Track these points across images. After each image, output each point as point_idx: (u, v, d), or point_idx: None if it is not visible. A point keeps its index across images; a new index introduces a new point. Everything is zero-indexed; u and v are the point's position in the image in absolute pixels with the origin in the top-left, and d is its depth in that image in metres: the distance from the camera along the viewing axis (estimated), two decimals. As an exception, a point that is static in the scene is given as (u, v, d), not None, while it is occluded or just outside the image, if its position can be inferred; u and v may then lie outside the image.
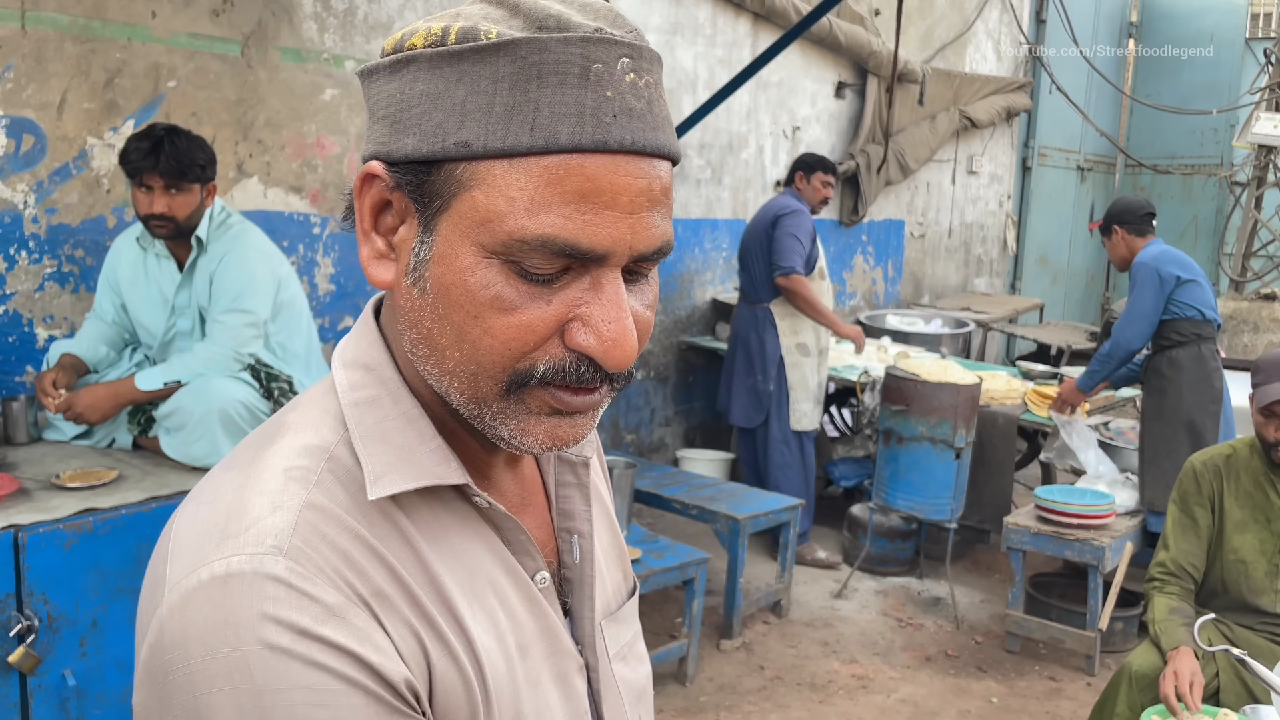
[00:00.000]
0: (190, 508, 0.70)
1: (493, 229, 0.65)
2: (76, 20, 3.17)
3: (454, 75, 0.66)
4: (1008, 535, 4.09)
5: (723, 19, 5.83)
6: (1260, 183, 7.58)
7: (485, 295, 0.66)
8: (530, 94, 0.64)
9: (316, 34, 3.84)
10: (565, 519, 0.84)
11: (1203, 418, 4.11)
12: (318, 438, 0.72)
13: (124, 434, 2.90)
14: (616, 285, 0.68)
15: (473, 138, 0.65)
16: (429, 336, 0.69)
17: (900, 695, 3.72)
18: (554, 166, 0.64)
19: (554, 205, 0.64)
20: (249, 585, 0.62)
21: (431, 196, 0.67)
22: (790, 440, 4.87)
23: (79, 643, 2.35)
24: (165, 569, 0.66)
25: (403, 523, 0.71)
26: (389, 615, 0.66)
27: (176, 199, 2.73)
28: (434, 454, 0.72)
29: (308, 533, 0.65)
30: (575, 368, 0.68)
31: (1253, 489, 2.82)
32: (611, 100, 0.65)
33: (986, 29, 8.46)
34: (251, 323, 2.84)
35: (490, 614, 0.73)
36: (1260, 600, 2.78)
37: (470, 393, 0.69)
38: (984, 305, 7.74)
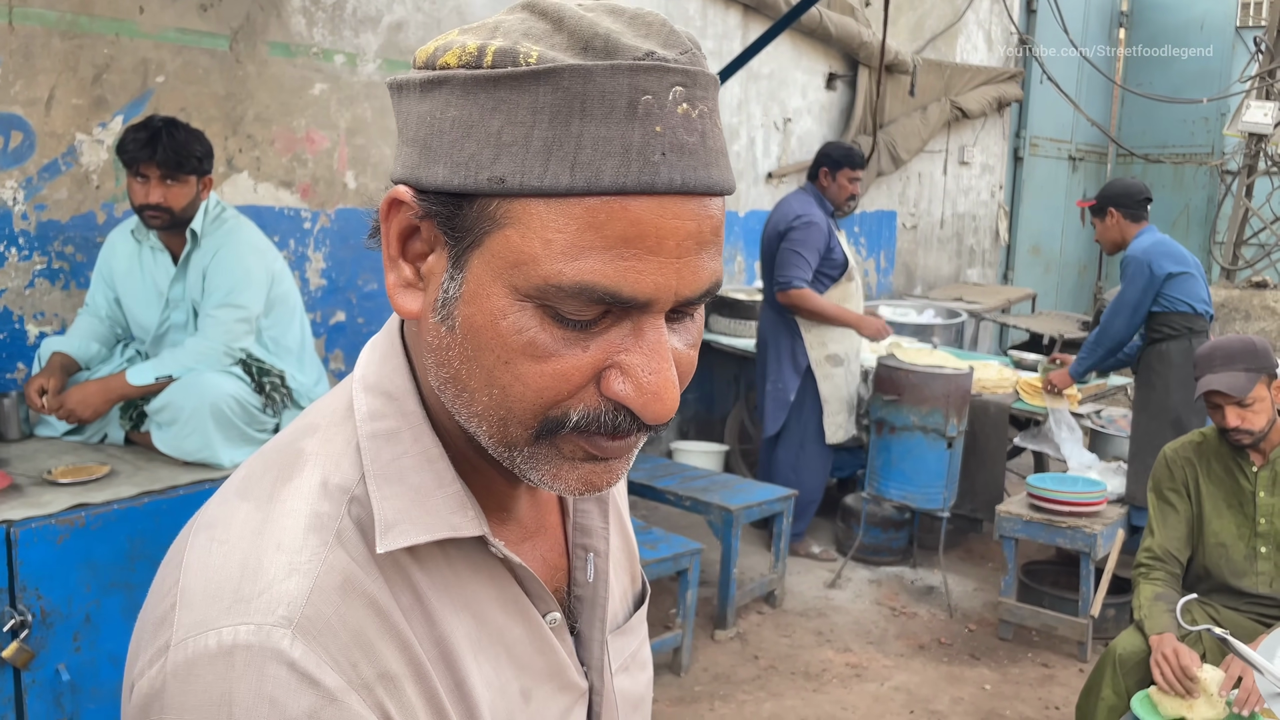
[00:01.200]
0: (203, 540, 0.67)
1: (527, 272, 0.60)
2: (64, 16, 3.17)
3: (489, 103, 0.60)
4: (1000, 524, 4.10)
5: (713, 11, 5.82)
6: (1251, 171, 7.59)
7: (518, 341, 0.62)
8: (572, 128, 0.59)
9: (305, 28, 3.84)
10: (582, 535, 0.81)
11: (1189, 414, 4.13)
12: (340, 475, 0.68)
13: (116, 429, 2.90)
14: (659, 333, 0.63)
15: (508, 173, 0.60)
16: (457, 377, 0.65)
17: (894, 683, 3.74)
18: (595, 209, 0.59)
19: (594, 250, 0.59)
20: (252, 663, 0.60)
21: (463, 231, 0.63)
22: (808, 446, 4.77)
23: (73, 637, 2.36)
24: (173, 612, 0.64)
25: (415, 575, 0.68)
26: (392, 697, 0.64)
27: (172, 190, 2.73)
28: (450, 500, 0.69)
29: (321, 603, 0.62)
30: (611, 417, 0.64)
31: (1224, 474, 2.87)
32: (661, 136, 0.60)
33: (977, 19, 8.46)
34: (243, 318, 2.84)
35: (495, 663, 0.71)
36: (1242, 582, 2.82)
37: (500, 437, 0.66)
38: (976, 295, 7.76)
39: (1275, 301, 6.86)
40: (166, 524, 2.51)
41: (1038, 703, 3.66)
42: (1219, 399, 2.76)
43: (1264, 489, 2.82)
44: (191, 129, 2.80)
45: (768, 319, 4.82)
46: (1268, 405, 2.75)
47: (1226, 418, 2.76)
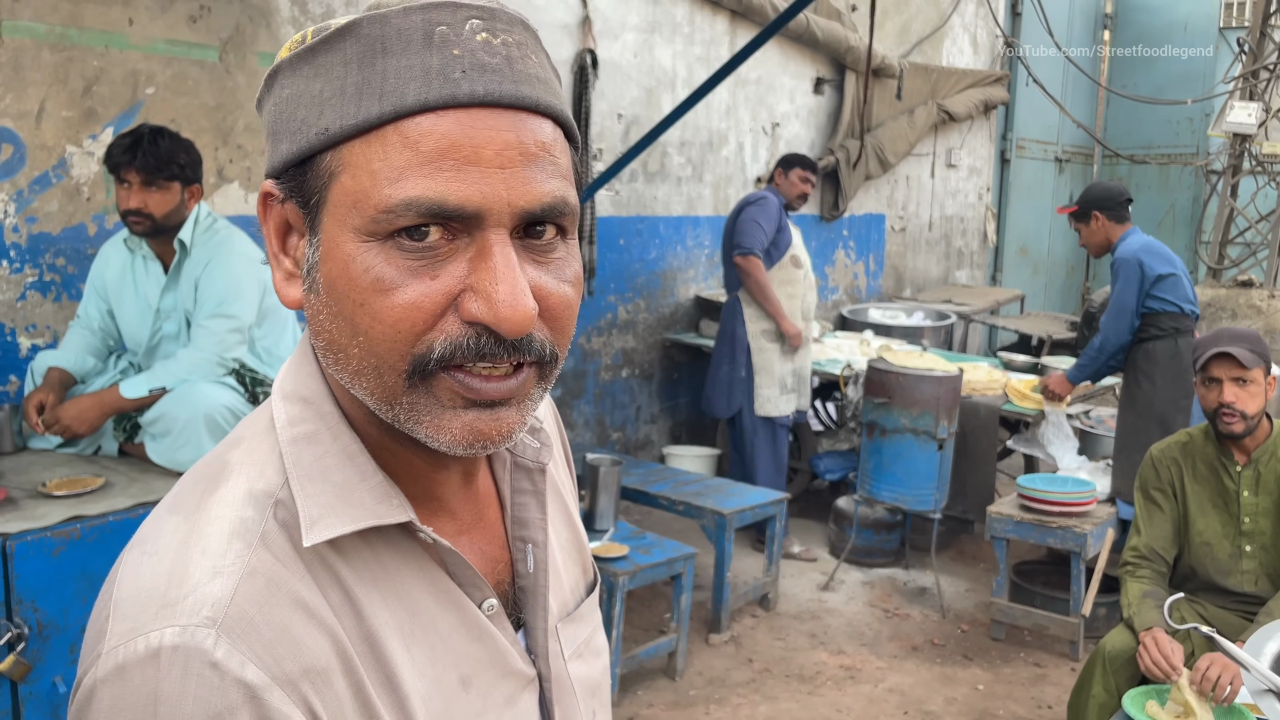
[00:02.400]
0: (134, 555, 0.68)
1: (362, 208, 0.64)
2: (54, 29, 3.17)
3: (310, 71, 0.66)
4: (991, 524, 4.13)
5: (700, 17, 5.85)
6: (1235, 171, 7.65)
7: (366, 280, 0.64)
8: (377, 67, 0.64)
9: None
10: (520, 528, 0.82)
11: (1173, 412, 4.16)
12: (263, 481, 0.69)
13: (110, 441, 2.90)
14: (504, 248, 0.65)
15: (330, 123, 0.65)
16: (331, 340, 0.67)
17: (888, 685, 3.76)
18: (406, 130, 0.63)
19: (414, 168, 0.63)
20: (176, 662, 0.61)
21: (310, 195, 0.67)
22: (760, 428, 4.90)
23: (69, 650, 2.36)
24: (106, 624, 0.65)
25: (341, 571, 0.69)
26: (318, 692, 0.65)
27: (153, 195, 2.75)
28: (374, 491, 0.70)
29: (244, 603, 0.63)
30: (475, 341, 0.65)
31: (1209, 474, 2.89)
32: (459, 58, 0.64)
33: (963, 23, 8.51)
34: (235, 328, 2.85)
35: (430, 653, 0.72)
36: (1228, 581, 2.85)
37: (378, 390, 0.67)
38: (965, 297, 7.80)
39: (1261, 300, 6.91)
40: (162, 535, 2.52)
41: (1030, 702, 3.68)
42: (1221, 370, 2.77)
43: (1248, 488, 2.85)
44: (179, 138, 2.81)
45: (726, 308, 5.01)
46: (1261, 393, 2.78)
47: (1224, 392, 2.77)
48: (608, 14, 5.25)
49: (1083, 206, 4.34)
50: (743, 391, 4.89)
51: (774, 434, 4.94)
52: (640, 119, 5.47)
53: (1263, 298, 6.92)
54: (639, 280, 5.67)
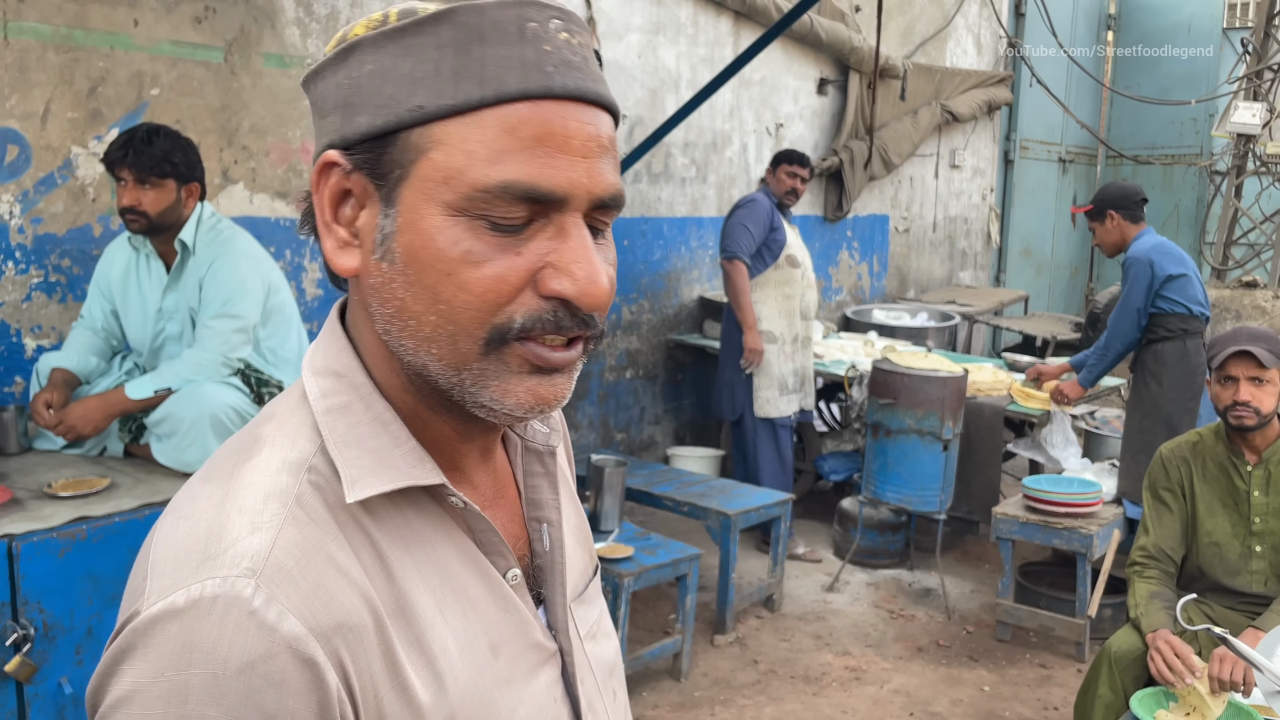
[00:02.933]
0: (170, 520, 0.70)
1: (455, 184, 0.67)
2: (59, 30, 3.17)
3: (399, 50, 0.68)
4: (996, 525, 4.12)
5: (704, 18, 5.85)
6: (1239, 171, 7.64)
7: (456, 251, 0.68)
8: (474, 54, 0.67)
9: (299, 39, 3.85)
10: (535, 508, 0.85)
11: (1180, 414, 4.15)
12: (295, 450, 0.71)
13: (115, 442, 2.90)
14: (581, 230, 0.70)
15: (425, 101, 0.67)
16: (403, 307, 0.70)
17: (893, 686, 3.75)
18: (506, 115, 0.67)
19: (512, 152, 0.67)
20: (215, 610, 0.62)
21: (391, 168, 0.69)
22: (762, 430, 4.89)
23: (75, 650, 2.36)
24: (145, 584, 0.66)
25: (374, 534, 0.71)
26: (348, 647, 0.66)
27: (148, 193, 2.75)
28: (408, 456, 0.73)
29: (282, 556, 0.65)
30: (553, 315, 0.69)
31: (1219, 474, 2.88)
32: (550, 54, 0.68)
33: (966, 24, 8.51)
34: (240, 328, 2.84)
35: (463, 618, 0.74)
36: (1236, 581, 2.84)
37: (450, 357, 0.70)
38: (969, 298, 7.79)
39: (1266, 301, 6.90)
40: (167, 536, 2.52)
41: (1036, 703, 3.68)
42: (1239, 368, 2.76)
43: (1258, 488, 2.84)
44: (176, 136, 2.81)
45: (726, 311, 5.00)
46: (1276, 393, 2.77)
47: (1240, 390, 2.76)
48: (612, 15, 5.25)
49: (1097, 206, 4.32)
50: (744, 394, 4.89)
51: (775, 435, 4.92)
52: (644, 120, 5.47)
53: (1267, 298, 6.91)
54: (643, 281, 5.67)
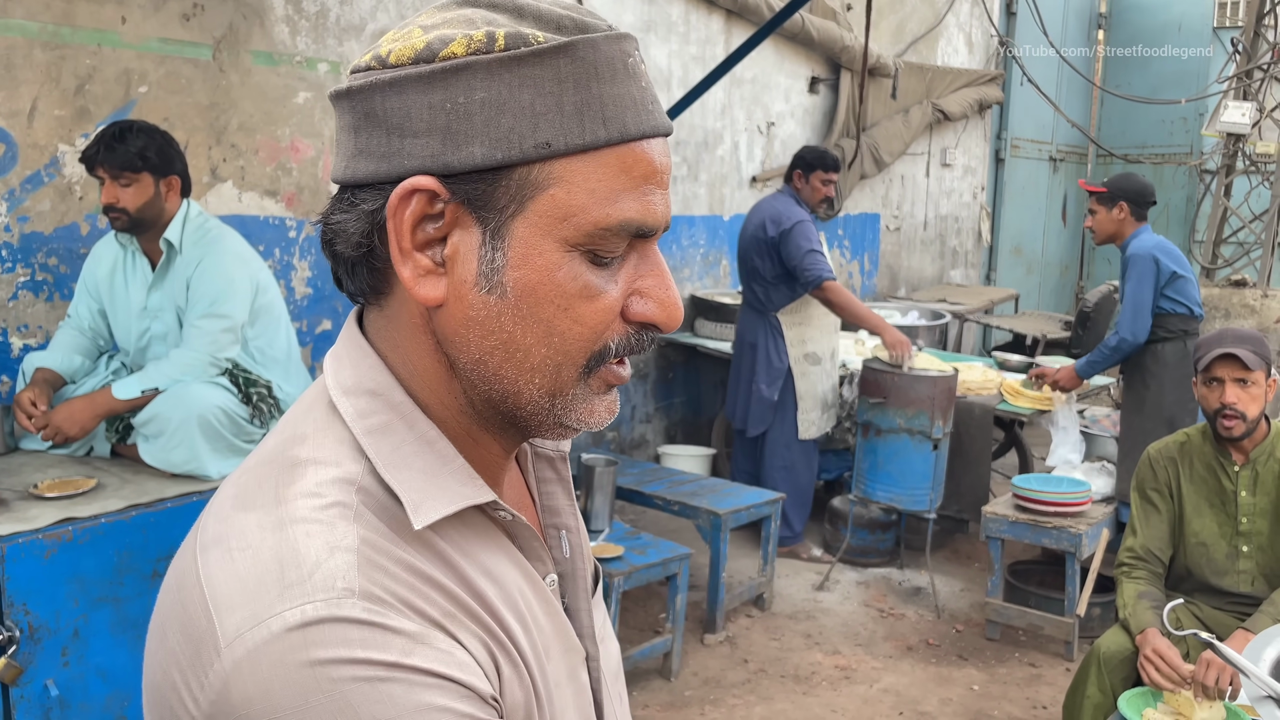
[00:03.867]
0: (219, 556, 0.66)
1: (577, 222, 0.68)
2: (46, 27, 3.15)
3: (515, 80, 0.66)
4: (986, 524, 4.13)
5: (695, 16, 5.84)
6: (1229, 170, 7.66)
7: (574, 286, 0.69)
8: (593, 91, 0.67)
9: (289, 37, 3.83)
10: (552, 515, 0.86)
11: (1182, 414, 4.15)
12: (341, 470, 0.69)
13: (102, 442, 2.88)
14: (659, 256, 0.74)
15: (552, 138, 0.67)
16: (510, 339, 0.70)
17: (883, 685, 3.76)
18: (624, 155, 0.69)
19: (626, 191, 0.69)
20: (329, 632, 0.60)
21: (503, 202, 0.68)
22: (793, 445, 4.85)
23: (61, 653, 2.35)
24: (213, 624, 0.62)
25: (440, 546, 0.70)
26: (461, 632, 0.67)
27: (126, 190, 2.73)
28: (458, 474, 0.72)
29: (370, 570, 0.64)
30: (636, 338, 0.73)
31: (1206, 474, 2.89)
32: (646, 90, 0.71)
33: (958, 22, 8.51)
34: (228, 328, 2.83)
35: (522, 622, 0.74)
36: (1224, 581, 2.85)
37: (550, 385, 0.71)
38: (959, 296, 7.80)
39: (1255, 300, 6.92)
40: (154, 537, 2.51)
41: (1025, 702, 3.68)
42: (1224, 371, 2.77)
43: (1245, 488, 2.84)
44: (152, 131, 2.78)
45: (747, 320, 4.89)
46: (1262, 395, 2.78)
47: (1225, 393, 2.77)
48: (603, 12, 5.22)
49: (1111, 190, 4.24)
50: (777, 414, 4.80)
51: (807, 451, 4.91)
52: (635, 118, 5.45)
53: (1256, 297, 6.93)
54: (634, 280, 5.66)
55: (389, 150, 0.68)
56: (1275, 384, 2.84)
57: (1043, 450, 6.22)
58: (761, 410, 4.82)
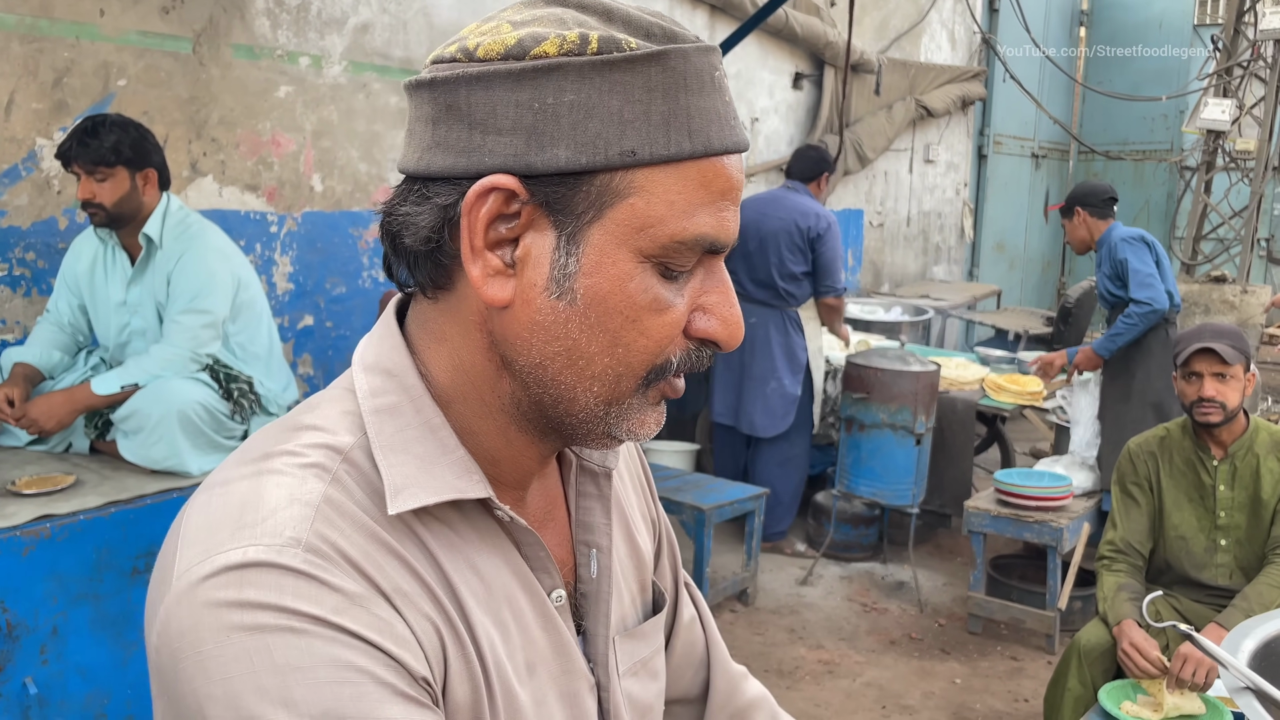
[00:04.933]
0: (202, 498, 0.69)
1: (654, 234, 0.67)
2: (23, 19, 3.12)
3: (605, 85, 0.65)
4: (968, 519, 4.15)
5: (679, 11, 5.84)
6: (1209, 167, 7.72)
7: (645, 298, 0.68)
8: (681, 102, 0.67)
9: (270, 30, 3.81)
10: (584, 532, 0.83)
11: (1170, 399, 4.17)
12: (335, 439, 0.70)
13: (81, 438, 2.86)
14: (725, 272, 0.73)
15: (637, 146, 0.66)
16: (574, 346, 0.69)
17: (865, 679, 3.77)
18: (705, 169, 0.68)
19: (703, 205, 0.68)
20: (265, 575, 0.61)
21: (584, 207, 0.67)
22: (797, 441, 4.88)
23: (39, 650, 2.33)
24: (174, 558, 0.65)
25: (420, 532, 0.70)
26: (409, 610, 0.66)
27: (102, 185, 2.71)
28: (455, 465, 0.71)
29: (325, 527, 0.64)
30: (696, 354, 0.72)
31: (1185, 468, 2.92)
32: (729, 105, 0.70)
33: (941, 19, 8.54)
34: (209, 323, 2.81)
35: (503, 629, 0.73)
36: (1203, 575, 2.87)
37: (608, 394, 0.70)
38: (943, 292, 7.83)
39: (1234, 296, 6.97)
40: (134, 534, 2.49)
41: (1007, 695, 3.71)
42: (1203, 365, 2.79)
43: (1224, 483, 2.87)
44: (125, 124, 2.75)
45: (763, 316, 4.73)
46: (1240, 389, 2.80)
47: (1204, 386, 2.79)
48: (586, 7, 5.22)
49: (1067, 203, 4.36)
50: (796, 410, 4.79)
51: (809, 450, 5.01)
52: (619, 113, 5.44)
53: (1235, 293, 6.99)
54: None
55: (470, 145, 0.67)
56: (1254, 378, 2.87)
57: (1024, 445, 6.26)
58: (784, 407, 4.75)
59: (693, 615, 1.01)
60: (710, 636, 1.03)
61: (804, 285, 4.74)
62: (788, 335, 4.75)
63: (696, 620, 1.02)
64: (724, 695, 1.01)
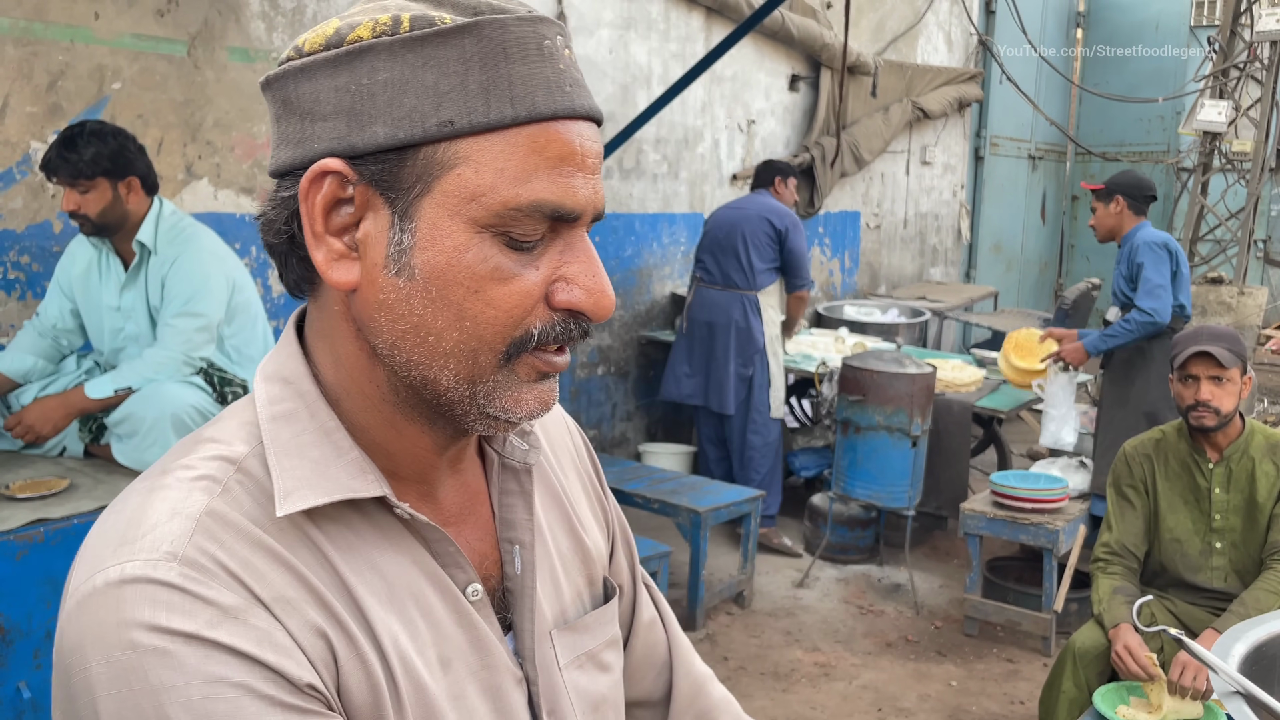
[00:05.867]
0: (101, 515, 0.71)
1: (485, 202, 0.67)
2: (17, 23, 3.12)
3: (419, 60, 0.66)
4: (964, 521, 4.15)
5: (675, 13, 5.84)
6: (1205, 169, 7.73)
7: (484, 268, 0.68)
8: (501, 70, 0.66)
9: (265, 33, 3.80)
10: (507, 528, 0.83)
11: (1165, 410, 4.16)
12: (230, 450, 0.71)
13: (75, 442, 2.86)
14: (588, 243, 0.72)
15: (455, 116, 0.66)
16: (421, 323, 0.69)
17: (862, 681, 3.77)
18: (535, 135, 0.67)
19: (539, 171, 0.67)
20: (140, 591, 0.62)
21: (410, 182, 0.67)
22: (770, 423, 4.98)
23: (33, 654, 2.33)
24: (71, 575, 0.67)
25: (314, 535, 0.70)
26: (291, 617, 0.66)
27: (85, 197, 2.70)
28: (350, 466, 0.71)
29: (204, 539, 0.65)
30: (564, 326, 0.71)
31: (1181, 471, 2.92)
32: (564, 72, 0.69)
33: (937, 21, 8.54)
34: (202, 326, 2.81)
35: (410, 626, 0.72)
36: (1198, 577, 2.87)
37: (467, 371, 0.70)
38: (939, 294, 7.83)
39: (1231, 297, 6.98)
40: (128, 537, 2.48)
41: (1003, 698, 3.71)
42: (1199, 368, 2.79)
43: (1219, 485, 2.87)
44: (103, 133, 2.71)
45: (724, 300, 4.95)
46: (1236, 392, 2.80)
47: (1200, 390, 2.79)
48: (583, 10, 5.23)
49: (1109, 187, 4.27)
50: (752, 391, 4.94)
51: (780, 433, 5.09)
52: (615, 115, 5.45)
53: (1232, 294, 6.99)
54: (614, 277, 5.65)
55: (302, 136, 0.69)
56: (1250, 381, 2.87)
57: (1021, 447, 6.27)
58: (740, 387, 4.95)
59: (653, 616, 1.01)
60: (673, 638, 1.02)
61: (767, 275, 4.96)
62: (745, 316, 4.94)
63: (658, 622, 1.02)
64: (686, 698, 1.01)
